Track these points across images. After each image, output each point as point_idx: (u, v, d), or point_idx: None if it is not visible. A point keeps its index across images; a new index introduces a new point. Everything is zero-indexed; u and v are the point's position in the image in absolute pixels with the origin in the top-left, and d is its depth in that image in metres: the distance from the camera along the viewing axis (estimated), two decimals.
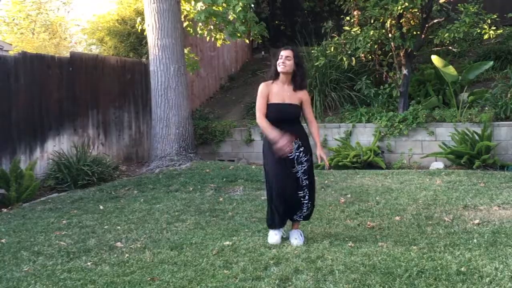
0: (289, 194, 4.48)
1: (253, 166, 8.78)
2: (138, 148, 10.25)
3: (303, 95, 4.61)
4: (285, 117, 4.53)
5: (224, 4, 8.82)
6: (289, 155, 4.44)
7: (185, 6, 10.27)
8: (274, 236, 4.59)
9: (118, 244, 4.82)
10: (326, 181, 7.24)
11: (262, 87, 4.60)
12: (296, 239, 4.54)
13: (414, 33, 9.46)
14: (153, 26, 9.21)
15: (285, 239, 4.64)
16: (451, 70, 9.04)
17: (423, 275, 3.59)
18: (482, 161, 7.77)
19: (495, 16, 8.77)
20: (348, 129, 9.32)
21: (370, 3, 9.26)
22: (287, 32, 14.66)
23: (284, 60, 4.56)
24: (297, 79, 4.58)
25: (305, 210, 4.58)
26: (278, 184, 4.47)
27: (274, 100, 4.54)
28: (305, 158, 4.53)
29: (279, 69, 4.57)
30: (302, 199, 4.53)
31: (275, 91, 4.57)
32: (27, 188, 6.99)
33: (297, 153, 4.51)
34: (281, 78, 4.60)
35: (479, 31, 8.69)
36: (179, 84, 9.30)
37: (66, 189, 7.65)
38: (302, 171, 4.51)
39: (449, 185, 6.66)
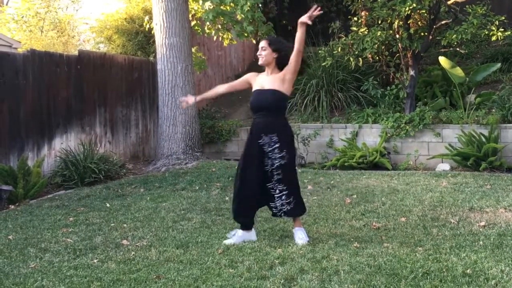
0: (254, 185, 4.48)
1: None
2: (145, 147, 10.29)
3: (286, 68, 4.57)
4: (259, 103, 4.56)
5: (232, 4, 8.82)
6: (260, 143, 4.46)
7: (193, 5, 10.28)
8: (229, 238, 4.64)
9: (124, 241, 4.85)
10: (332, 182, 7.24)
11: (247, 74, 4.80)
12: (301, 238, 4.54)
13: (422, 34, 9.43)
14: (161, 25, 9.24)
15: (290, 238, 4.65)
16: (458, 71, 9.02)
17: (428, 277, 3.59)
18: (489, 163, 7.75)
19: (503, 18, 8.73)
20: (354, 130, 9.31)
21: (377, 4, 9.24)
22: (294, 33, 14.60)
23: (260, 51, 4.57)
24: (282, 65, 4.57)
25: (278, 205, 4.51)
26: (244, 172, 4.52)
27: (255, 87, 4.64)
28: (279, 155, 4.46)
29: (259, 62, 4.61)
30: (271, 191, 4.51)
31: (258, 81, 4.63)
32: (34, 185, 7.04)
33: (270, 148, 4.47)
34: (265, 69, 4.65)
35: (487, 32, 8.66)
36: (186, 83, 9.33)
37: (73, 186, 7.69)
38: (274, 167, 4.47)
39: (455, 186, 6.64)
